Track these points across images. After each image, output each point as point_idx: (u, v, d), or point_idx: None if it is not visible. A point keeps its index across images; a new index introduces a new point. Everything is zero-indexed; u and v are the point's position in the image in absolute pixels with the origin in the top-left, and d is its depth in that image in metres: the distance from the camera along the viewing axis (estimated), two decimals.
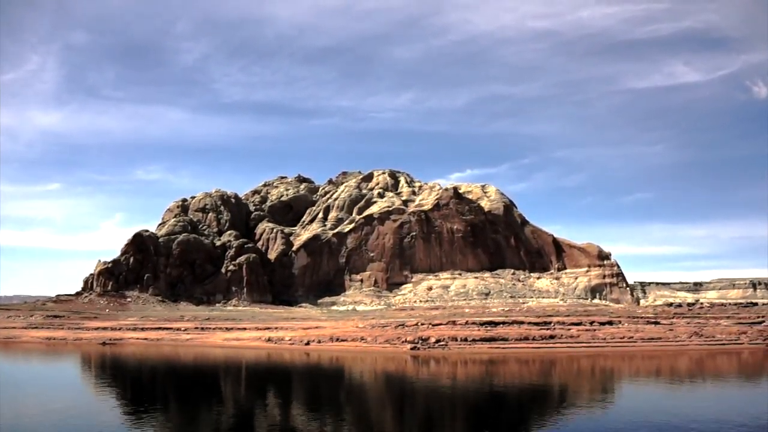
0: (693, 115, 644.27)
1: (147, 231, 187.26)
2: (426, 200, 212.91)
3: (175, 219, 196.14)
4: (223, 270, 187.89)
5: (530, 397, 41.07)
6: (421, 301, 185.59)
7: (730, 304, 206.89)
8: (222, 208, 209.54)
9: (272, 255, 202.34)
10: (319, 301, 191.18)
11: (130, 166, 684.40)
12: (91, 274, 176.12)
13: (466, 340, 67.80)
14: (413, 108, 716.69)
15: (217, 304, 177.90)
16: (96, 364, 64.18)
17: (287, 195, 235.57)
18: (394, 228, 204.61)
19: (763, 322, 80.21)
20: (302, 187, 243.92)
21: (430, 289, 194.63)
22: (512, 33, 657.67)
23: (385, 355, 65.47)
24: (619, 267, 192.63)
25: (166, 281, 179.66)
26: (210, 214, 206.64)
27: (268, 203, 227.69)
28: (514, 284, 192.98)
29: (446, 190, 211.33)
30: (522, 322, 76.79)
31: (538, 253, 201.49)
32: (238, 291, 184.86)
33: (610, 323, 78.09)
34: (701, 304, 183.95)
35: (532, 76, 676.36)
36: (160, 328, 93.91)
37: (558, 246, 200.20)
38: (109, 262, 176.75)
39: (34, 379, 51.02)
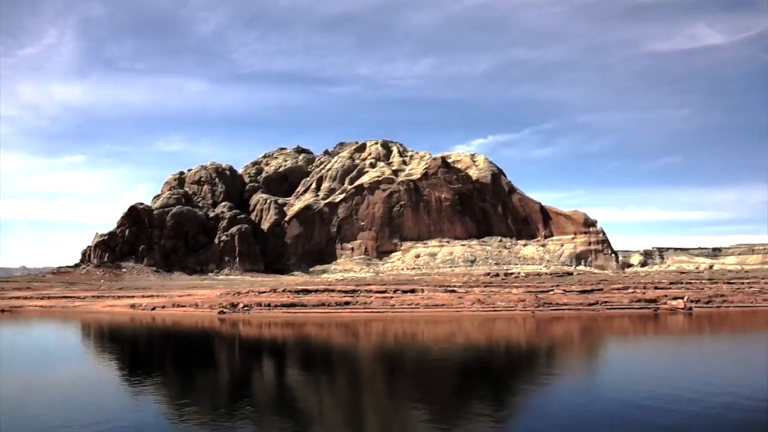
0: (718, 78, 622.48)
1: (142, 204, 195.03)
2: (415, 170, 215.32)
3: (169, 191, 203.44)
4: (216, 240, 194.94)
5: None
6: (408, 269, 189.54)
7: (744, 269, 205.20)
8: (217, 180, 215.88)
9: (265, 225, 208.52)
10: (311, 269, 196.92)
11: (151, 137, 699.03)
12: (88, 246, 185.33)
13: (268, 305, 75.30)
14: (433, 75, 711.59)
15: (209, 274, 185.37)
16: None
17: (285, 166, 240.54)
18: (383, 197, 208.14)
19: (552, 291, 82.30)
20: (300, 158, 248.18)
21: (417, 256, 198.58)
22: None
23: (200, 318, 73.78)
24: (604, 234, 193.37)
25: (160, 252, 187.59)
26: (205, 186, 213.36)
27: (264, 175, 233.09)
28: (500, 251, 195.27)
29: (434, 159, 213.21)
30: (333, 290, 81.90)
31: (525, 221, 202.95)
32: (231, 260, 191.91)
33: (413, 291, 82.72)
34: (702, 269, 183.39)
35: (552, 40, 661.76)
36: (64, 297, 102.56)
37: (545, 214, 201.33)
38: (105, 235, 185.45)
39: None
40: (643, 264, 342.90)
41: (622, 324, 64.89)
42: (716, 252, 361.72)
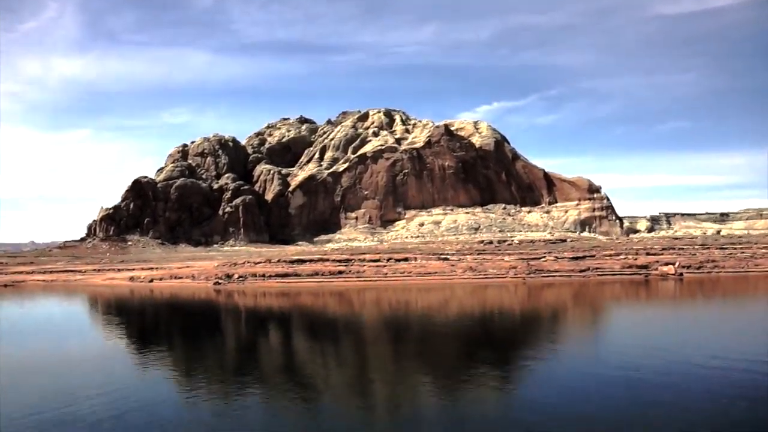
0: (725, 40, 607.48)
1: (146, 177, 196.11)
2: (418, 138, 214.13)
3: (173, 164, 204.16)
4: (220, 212, 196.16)
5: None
6: (412, 237, 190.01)
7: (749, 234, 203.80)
8: (220, 152, 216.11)
9: (269, 196, 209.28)
10: (315, 239, 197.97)
11: (156, 110, 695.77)
12: (94, 221, 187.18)
13: (263, 276, 76.00)
14: (437, 41, 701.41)
15: (214, 245, 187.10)
16: None
17: (288, 136, 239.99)
18: (387, 166, 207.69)
19: (543, 258, 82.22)
20: (303, 128, 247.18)
21: (422, 225, 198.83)
22: None
23: (196, 289, 74.69)
24: (608, 200, 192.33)
25: (165, 225, 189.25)
26: (208, 158, 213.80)
27: (267, 145, 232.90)
28: (504, 219, 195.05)
29: (437, 127, 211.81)
30: (327, 260, 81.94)
31: (529, 188, 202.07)
32: (235, 232, 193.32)
33: (406, 260, 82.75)
34: (715, 236, 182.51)
35: (557, 4, 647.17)
36: (65, 271, 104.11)
37: (549, 180, 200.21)
38: (110, 208, 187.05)
39: None
40: (650, 230, 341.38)
41: (613, 290, 65.07)
42: (724, 217, 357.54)
